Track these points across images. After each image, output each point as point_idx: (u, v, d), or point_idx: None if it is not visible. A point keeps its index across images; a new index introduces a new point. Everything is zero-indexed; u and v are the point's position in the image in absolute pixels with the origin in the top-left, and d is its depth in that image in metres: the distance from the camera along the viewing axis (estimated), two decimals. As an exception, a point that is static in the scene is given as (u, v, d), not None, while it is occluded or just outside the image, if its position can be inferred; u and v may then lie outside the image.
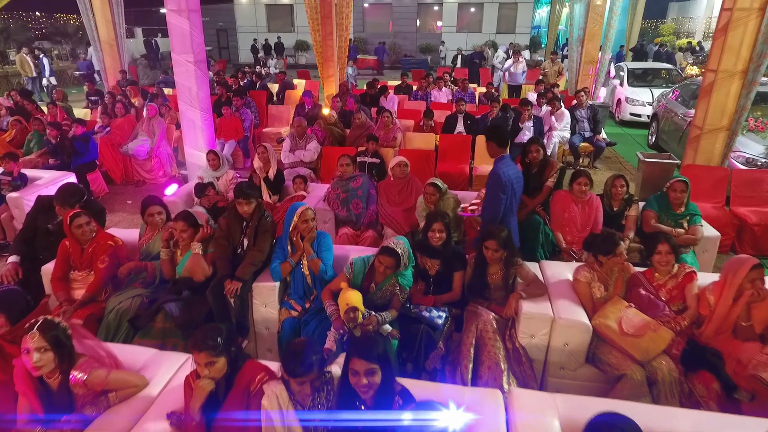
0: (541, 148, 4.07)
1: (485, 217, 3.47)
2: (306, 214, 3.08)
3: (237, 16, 27.07)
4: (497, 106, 7.40)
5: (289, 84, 12.00)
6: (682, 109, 8.15)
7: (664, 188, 4.07)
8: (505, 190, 3.28)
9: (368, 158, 5.71)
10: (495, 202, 3.32)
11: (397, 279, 2.97)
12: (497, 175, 3.27)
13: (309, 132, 6.77)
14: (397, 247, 2.87)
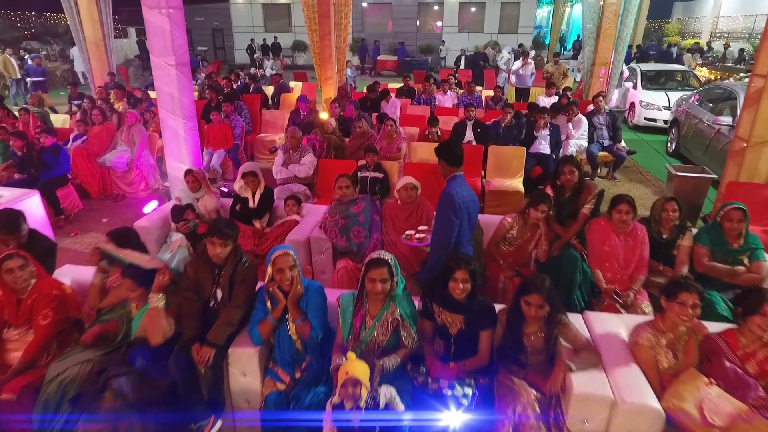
0: (576, 168, 3.46)
1: (435, 244, 3.02)
2: (281, 261, 2.45)
3: (233, 15, 26.44)
4: (510, 113, 6.79)
5: (285, 87, 11.39)
6: (708, 115, 7.55)
7: (717, 218, 3.45)
8: (458, 213, 2.87)
9: (370, 173, 5.10)
10: (446, 227, 2.88)
11: (395, 303, 2.46)
12: (449, 197, 2.87)
13: (305, 143, 6.16)
14: (384, 255, 2.45)
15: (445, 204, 2.88)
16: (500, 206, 5.73)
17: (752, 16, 20.79)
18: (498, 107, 9.27)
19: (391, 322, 2.47)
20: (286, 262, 2.44)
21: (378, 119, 6.66)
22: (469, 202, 2.95)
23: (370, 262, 2.42)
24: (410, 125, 7.71)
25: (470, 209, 2.97)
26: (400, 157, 5.79)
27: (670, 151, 8.85)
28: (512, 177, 6.01)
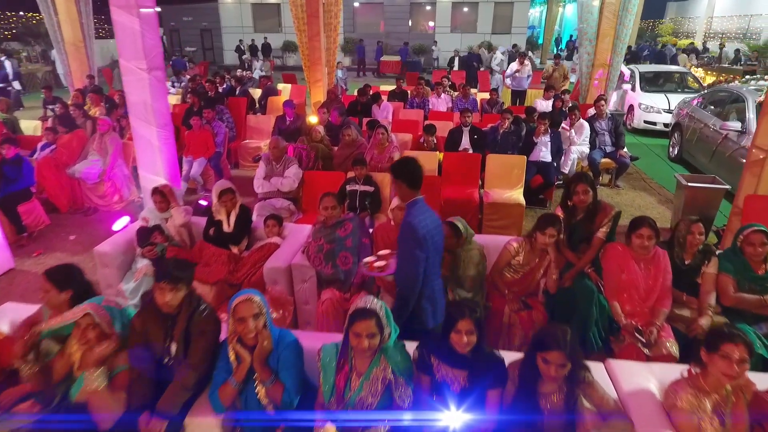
0: (590, 188, 3.07)
1: (401, 284, 2.59)
2: (243, 309, 2.05)
3: (222, 15, 25.91)
4: (509, 118, 6.41)
5: (273, 90, 10.94)
6: (713, 119, 7.22)
7: (737, 242, 3.09)
8: (424, 246, 2.48)
9: (359, 186, 4.69)
10: (412, 263, 2.49)
11: (387, 357, 2.09)
12: (412, 229, 2.46)
13: (290, 152, 5.74)
14: (370, 305, 2.06)
15: (408, 237, 2.48)
16: (500, 220, 5.36)
17: (746, 16, 20.63)
18: (494, 111, 8.92)
19: (382, 381, 2.08)
20: (249, 310, 2.03)
21: (368, 126, 6.25)
22: (434, 230, 2.57)
23: (354, 314, 2.02)
24: (403, 131, 7.32)
25: (435, 238, 2.58)
26: (392, 167, 5.39)
27: (673, 156, 8.53)
28: (512, 188, 5.63)
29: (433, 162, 5.78)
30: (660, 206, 6.38)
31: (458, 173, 5.70)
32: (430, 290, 2.60)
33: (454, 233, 3.10)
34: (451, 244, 3.11)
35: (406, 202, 2.59)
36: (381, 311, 2.04)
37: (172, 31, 27.31)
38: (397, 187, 2.61)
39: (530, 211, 5.98)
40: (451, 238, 3.11)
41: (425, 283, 2.55)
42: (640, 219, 2.94)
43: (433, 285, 2.64)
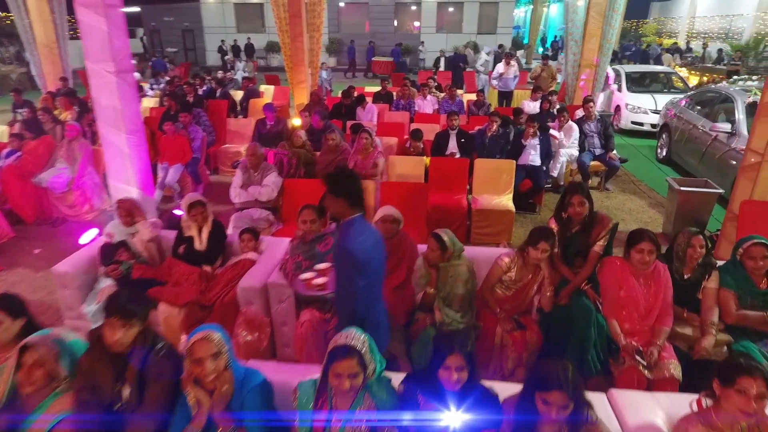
0: (586, 199, 2.88)
1: (342, 313, 2.37)
2: (200, 349, 1.81)
3: (204, 15, 25.45)
4: (497, 121, 6.22)
5: (254, 92, 10.66)
6: (702, 120, 7.13)
7: (737, 255, 2.93)
8: (365, 271, 2.23)
9: (342, 194, 4.46)
10: (352, 290, 2.23)
11: (371, 395, 1.88)
12: (349, 254, 2.19)
13: (271, 158, 5.49)
14: (352, 341, 1.83)
15: (343, 263, 2.23)
16: (489, 227, 5.17)
17: (728, 16, 20.83)
18: (481, 113, 8.75)
19: (366, 423, 1.85)
20: (207, 350, 1.79)
21: (352, 130, 6.03)
22: (375, 250, 2.31)
23: (334, 353, 1.79)
24: (388, 134, 7.11)
25: (377, 258, 2.32)
26: (376, 173, 5.18)
27: (661, 158, 8.45)
28: (501, 193, 5.45)
29: (420, 167, 5.58)
30: (651, 210, 6.26)
31: (445, 179, 5.49)
32: (373, 316, 2.33)
33: (439, 247, 2.89)
34: (436, 258, 2.90)
35: (343, 219, 2.31)
36: (364, 347, 1.82)
37: (152, 31, 26.77)
38: (335, 205, 2.29)
39: (519, 217, 5.81)
40: (437, 252, 2.89)
41: (368, 309, 2.29)
42: (639, 232, 2.75)
43: (377, 310, 2.37)
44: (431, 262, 2.93)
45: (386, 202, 4.69)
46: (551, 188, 6.84)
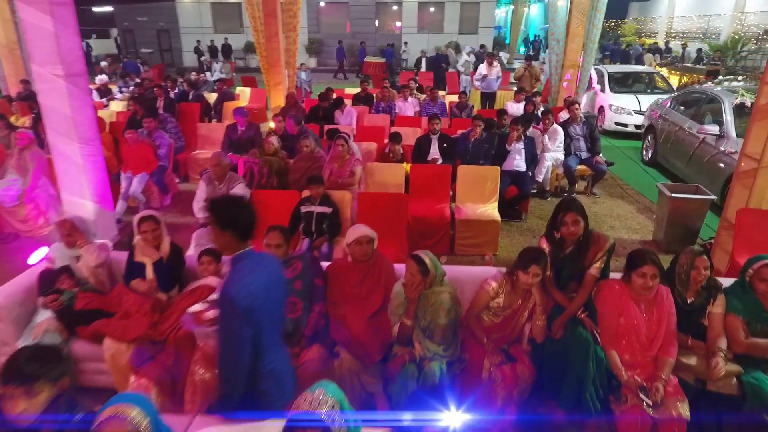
0: (581, 217, 2.60)
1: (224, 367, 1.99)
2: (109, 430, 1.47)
3: (180, 15, 24.80)
4: (480, 125, 5.94)
5: (229, 94, 10.23)
6: (689, 122, 6.96)
7: (746, 277, 2.67)
8: (251, 319, 1.87)
9: (315, 207, 4.13)
10: (235, 344, 1.88)
11: None
12: (231, 301, 1.83)
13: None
14: (318, 404, 1.50)
15: (227, 311, 1.88)
16: (474, 237, 4.89)
17: (706, 16, 21.00)
18: (463, 115, 8.49)
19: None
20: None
21: (328, 135, 5.69)
22: (268, 294, 1.95)
23: (293, 424, 1.46)
24: (368, 139, 6.80)
25: (270, 301, 1.98)
26: (354, 182, 4.85)
27: (646, 160, 8.29)
28: (486, 202, 5.17)
29: (400, 175, 5.27)
30: (640, 215, 6.05)
31: (427, 187, 5.20)
32: (270, 365, 1.99)
33: (420, 270, 2.57)
34: (417, 283, 2.58)
35: (229, 254, 1.98)
36: (333, 418, 1.48)
37: (125, 31, 26.01)
38: (221, 240, 1.96)
39: (505, 225, 5.55)
40: (417, 277, 2.57)
41: (261, 358, 1.95)
42: (641, 254, 2.48)
43: (275, 358, 2.02)
44: (411, 288, 2.60)
45: (364, 213, 4.38)
46: (537, 194, 6.60)
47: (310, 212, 4.13)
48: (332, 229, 4.14)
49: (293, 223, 4.21)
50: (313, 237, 4.12)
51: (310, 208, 4.14)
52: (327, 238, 4.07)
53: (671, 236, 4.97)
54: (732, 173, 5.68)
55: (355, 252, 2.86)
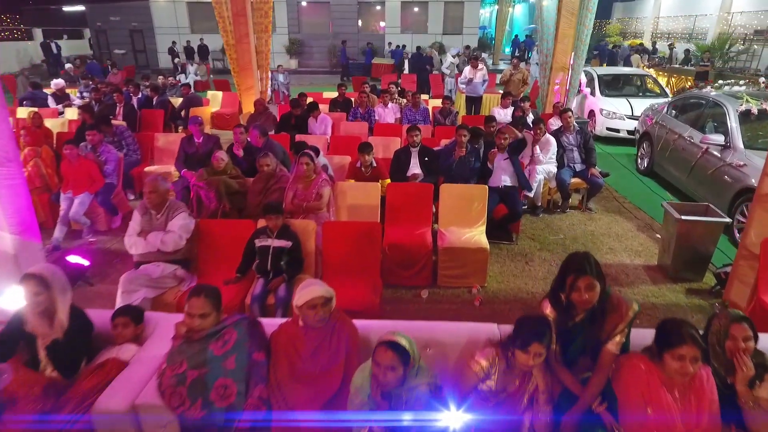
0: (597, 280, 1.98)
1: None
2: None
3: (154, 15, 23.84)
4: (465, 135, 5.32)
5: (195, 100, 9.50)
6: (689, 130, 6.46)
7: None
8: None
9: (273, 240, 3.49)
10: None
11: None
12: None
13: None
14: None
15: None
16: (459, 267, 4.28)
17: (692, 16, 20.75)
18: (447, 122, 7.90)
19: None
20: None
21: (294, 149, 5.04)
22: None
23: None
24: (342, 151, 6.17)
25: None
26: (321, 206, 4.21)
27: (642, 169, 7.78)
28: (473, 225, 4.57)
29: (375, 195, 4.65)
30: (640, 234, 5.51)
31: (406, 208, 4.58)
32: None
33: (401, 361, 1.89)
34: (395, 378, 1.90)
35: None
36: None
37: (98, 31, 24.94)
38: None
39: (494, 248, 4.97)
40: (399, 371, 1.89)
41: None
42: (678, 331, 1.87)
43: None
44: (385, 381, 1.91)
45: (330, 246, 3.74)
46: (527, 210, 6.03)
47: (266, 247, 3.48)
48: (292, 266, 3.51)
49: (246, 259, 3.56)
50: (269, 276, 3.48)
51: (265, 242, 3.50)
52: (285, 278, 3.42)
53: (679, 262, 4.42)
54: (741, 188, 5.21)
55: (307, 317, 2.22)
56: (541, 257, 4.94)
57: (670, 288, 4.35)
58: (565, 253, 5.13)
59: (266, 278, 3.47)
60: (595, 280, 1.98)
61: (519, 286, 4.38)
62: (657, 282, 4.46)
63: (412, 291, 4.25)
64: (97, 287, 4.39)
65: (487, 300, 4.15)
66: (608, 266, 4.71)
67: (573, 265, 2.05)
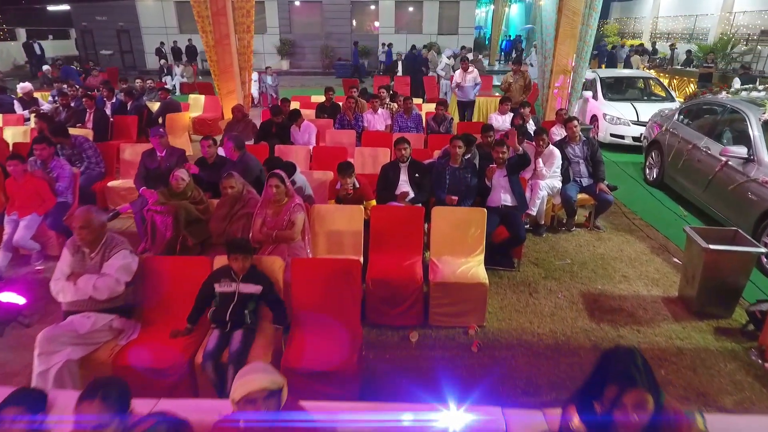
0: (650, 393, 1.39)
1: None
2: None
3: (141, 14, 23.17)
4: (461, 147, 4.74)
5: (173, 105, 8.87)
6: (705, 140, 5.91)
7: None
8: None
9: (238, 285, 2.90)
10: None
11: None
12: None
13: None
14: None
15: None
16: (453, 305, 3.71)
17: (692, 16, 20.28)
18: (442, 129, 7.32)
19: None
20: None
21: (267, 165, 4.45)
22: None
23: None
24: (327, 164, 5.59)
25: None
26: (293, 236, 3.62)
27: (651, 180, 7.24)
28: (469, 254, 4.00)
29: (358, 220, 4.06)
30: (656, 257, 4.95)
31: (393, 235, 4.01)
32: None
33: None
34: None
35: None
36: None
37: (84, 32, 24.24)
38: None
39: (493, 276, 4.40)
40: None
41: None
42: None
43: None
44: None
45: (300, 289, 3.16)
46: (530, 229, 5.47)
47: (229, 293, 2.89)
48: (258, 315, 2.92)
49: (200, 305, 2.98)
50: (226, 328, 2.89)
51: (228, 288, 2.90)
52: (245, 333, 2.84)
53: (706, 296, 3.87)
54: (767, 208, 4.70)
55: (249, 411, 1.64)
56: (547, 287, 4.37)
57: (696, 326, 3.79)
58: (573, 281, 4.66)
59: (222, 330, 2.88)
60: (647, 393, 1.41)
61: (523, 326, 3.81)
62: (680, 318, 3.90)
63: (399, 332, 3.68)
64: (35, 328, 3.79)
65: (486, 344, 3.58)
66: (623, 299, 4.16)
67: (615, 371, 1.47)
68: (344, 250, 4.00)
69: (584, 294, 4.26)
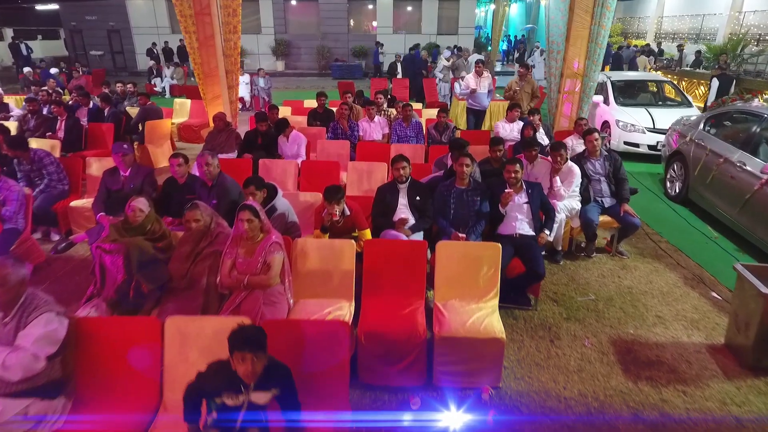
0: None
1: None
2: None
3: (131, 14, 22.52)
4: (468, 166, 4.10)
5: (153, 112, 8.21)
6: (739, 153, 5.28)
7: None
8: None
9: (247, 397, 2.25)
10: None
11: None
12: None
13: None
14: None
15: None
16: (462, 363, 3.07)
17: (699, 15, 19.67)
18: (444, 138, 6.69)
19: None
20: None
21: (245, 186, 3.81)
22: None
23: None
24: (315, 184, 4.98)
25: None
26: (269, 282, 2.98)
27: (672, 195, 6.61)
28: (481, 298, 3.36)
29: (348, 257, 3.41)
30: (691, 291, 4.32)
31: (391, 275, 3.38)
32: None
33: None
34: None
35: None
36: None
37: (73, 31, 23.57)
38: None
39: (507, 316, 3.79)
40: None
41: None
42: None
43: None
44: None
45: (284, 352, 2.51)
46: (545, 255, 4.84)
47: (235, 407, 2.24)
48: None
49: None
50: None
51: (235, 400, 2.24)
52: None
53: (765, 349, 3.25)
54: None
55: None
56: (570, 332, 3.74)
57: (753, 387, 3.17)
58: (600, 323, 3.90)
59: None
60: None
61: (546, 386, 3.17)
62: (731, 375, 3.28)
63: (397, 395, 3.04)
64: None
65: (504, 409, 2.94)
66: (661, 347, 3.53)
67: None
68: (332, 292, 3.36)
69: (615, 341, 3.63)
